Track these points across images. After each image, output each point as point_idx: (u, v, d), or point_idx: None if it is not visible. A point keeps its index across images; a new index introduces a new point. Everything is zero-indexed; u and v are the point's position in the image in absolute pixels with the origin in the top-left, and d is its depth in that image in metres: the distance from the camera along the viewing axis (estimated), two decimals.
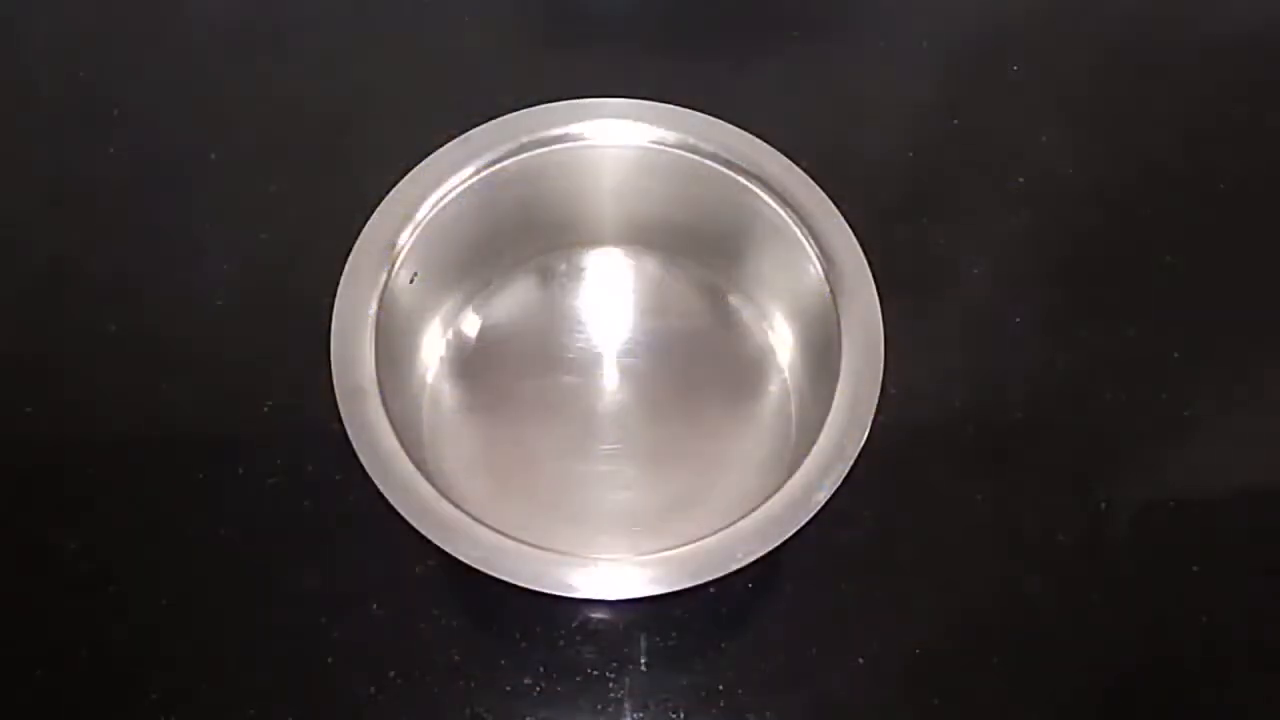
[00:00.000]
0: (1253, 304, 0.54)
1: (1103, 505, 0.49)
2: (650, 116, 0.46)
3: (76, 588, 0.48)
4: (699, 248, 0.52)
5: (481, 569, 0.38)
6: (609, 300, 0.52)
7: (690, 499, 0.47)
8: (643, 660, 0.46)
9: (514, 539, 0.39)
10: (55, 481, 0.50)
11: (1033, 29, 0.62)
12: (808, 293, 0.46)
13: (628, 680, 0.46)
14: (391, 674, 0.46)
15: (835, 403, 0.42)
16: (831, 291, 0.44)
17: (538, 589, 0.38)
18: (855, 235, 0.45)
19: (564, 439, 0.49)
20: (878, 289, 0.44)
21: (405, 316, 0.46)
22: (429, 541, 0.39)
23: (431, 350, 0.50)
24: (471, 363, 0.50)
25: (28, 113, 0.58)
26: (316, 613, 0.47)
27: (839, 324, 0.43)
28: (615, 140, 0.46)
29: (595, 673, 0.46)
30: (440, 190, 0.45)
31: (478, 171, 0.46)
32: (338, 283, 0.44)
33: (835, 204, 0.45)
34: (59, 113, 0.58)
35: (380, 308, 0.43)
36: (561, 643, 0.46)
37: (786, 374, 0.50)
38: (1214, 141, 0.58)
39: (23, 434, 0.51)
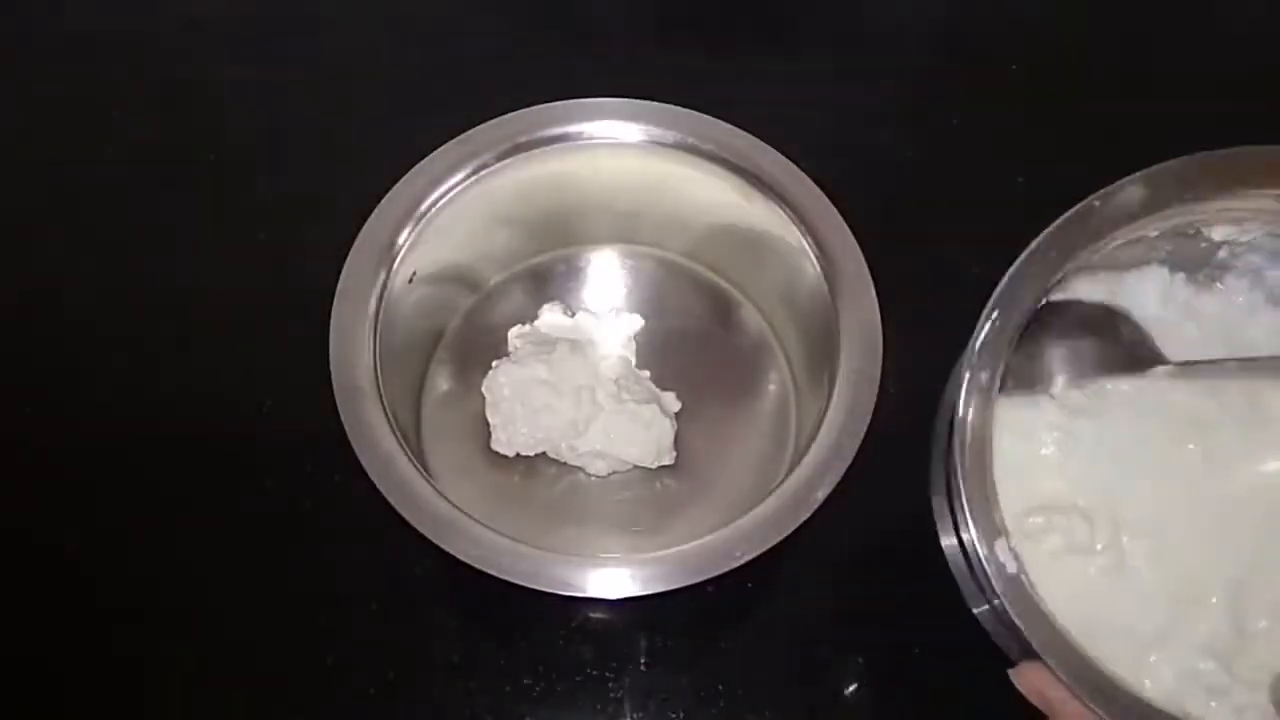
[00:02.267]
0: None
1: None
2: (650, 116, 0.46)
3: (77, 587, 0.48)
4: (699, 248, 0.52)
5: (481, 568, 0.38)
6: (609, 300, 0.51)
7: (690, 499, 0.47)
8: (643, 660, 0.46)
9: (513, 539, 0.39)
10: (55, 481, 0.50)
11: (1032, 29, 0.62)
12: (807, 293, 0.46)
13: (628, 680, 0.46)
14: (391, 674, 0.46)
15: (834, 403, 0.42)
16: (831, 291, 0.44)
17: (537, 588, 0.38)
18: (855, 235, 0.45)
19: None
20: (877, 289, 0.43)
21: (405, 316, 0.46)
22: (429, 541, 0.39)
23: (431, 350, 0.50)
24: (471, 362, 0.50)
25: (28, 113, 0.58)
26: (316, 613, 0.47)
27: (839, 324, 0.43)
28: (615, 140, 0.46)
29: (595, 672, 0.46)
30: (439, 190, 0.45)
31: (477, 171, 0.46)
32: (337, 283, 0.44)
33: (835, 204, 0.45)
34: (59, 113, 0.58)
35: (380, 307, 0.44)
36: (561, 643, 0.46)
37: (786, 374, 0.50)
38: (1216, 142, 0.58)
39: (23, 434, 0.51)
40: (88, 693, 0.46)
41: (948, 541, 0.44)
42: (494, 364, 0.48)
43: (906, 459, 0.45)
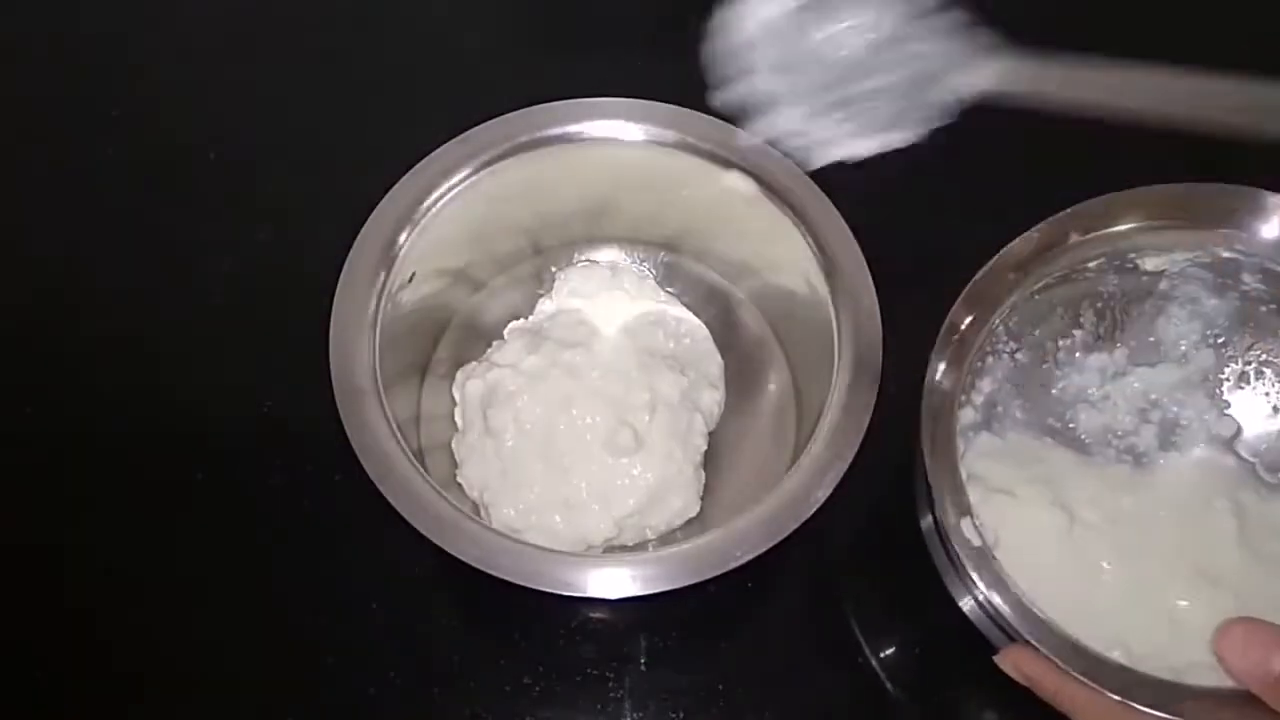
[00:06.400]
0: None
1: None
2: (650, 116, 0.46)
3: (76, 588, 0.48)
4: (699, 247, 0.52)
5: (481, 568, 0.38)
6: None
7: None
8: (643, 660, 0.46)
9: (513, 539, 0.40)
10: (55, 481, 0.50)
11: (1032, 29, 0.62)
12: (808, 293, 0.46)
13: (628, 680, 0.46)
14: (391, 674, 0.46)
15: (834, 403, 0.42)
16: (831, 291, 0.44)
17: (537, 588, 0.38)
18: (855, 235, 0.44)
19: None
20: (877, 289, 0.43)
21: (405, 316, 0.46)
22: (429, 541, 0.39)
23: (431, 349, 0.50)
24: (470, 362, 0.49)
25: (28, 113, 0.58)
26: (317, 613, 0.47)
27: (839, 324, 0.43)
28: (615, 140, 0.46)
29: (595, 672, 0.46)
30: (439, 190, 0.45)
31: (477, 171, 0.46)
32: (337, 283, 0.44)
33: (835, 204, 0.45)
34: (59, 113, 0.58)
35: (380, 307, 0.44)
36: (561, 642, 0.46)
37: (786, 374, 0.50)
38: (1217, 146, 0.58)
39: (23, 434, 0.51)
40: (86, 693, 0.46)
41: (925, 524, 0.44)
42: (462, 368, 0.48)
43: (907, 458, 0.45)
